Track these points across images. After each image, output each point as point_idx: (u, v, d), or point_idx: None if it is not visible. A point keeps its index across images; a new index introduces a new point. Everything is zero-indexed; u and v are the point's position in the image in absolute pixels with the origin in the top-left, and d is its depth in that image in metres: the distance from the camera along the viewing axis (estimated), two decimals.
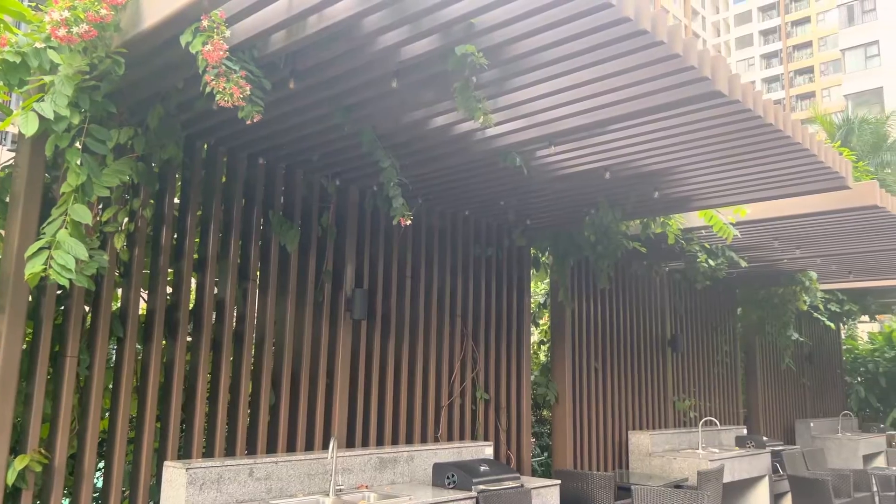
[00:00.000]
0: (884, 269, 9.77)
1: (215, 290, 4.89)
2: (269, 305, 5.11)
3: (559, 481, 5.70)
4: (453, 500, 4.67)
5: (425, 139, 4.71)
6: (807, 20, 73.96)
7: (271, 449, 5.00)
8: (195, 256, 4.84)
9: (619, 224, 6.61)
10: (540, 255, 7.68)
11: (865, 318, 15.18)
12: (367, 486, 4.93)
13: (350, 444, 5.45)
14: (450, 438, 6.27)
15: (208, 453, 4.67)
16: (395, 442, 5.80)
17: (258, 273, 5.17)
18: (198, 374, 4.64)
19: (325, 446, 5.18)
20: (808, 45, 72.96)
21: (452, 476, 4.98)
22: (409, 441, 5.91)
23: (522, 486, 5.21)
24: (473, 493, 4.80)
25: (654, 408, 8.99)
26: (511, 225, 6.96)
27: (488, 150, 4.82)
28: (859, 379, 15.54)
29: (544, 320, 9.07)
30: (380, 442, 5.69)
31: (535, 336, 9.14)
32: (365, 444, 5.57)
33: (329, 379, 5.39)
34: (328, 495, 4.56)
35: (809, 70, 72.21)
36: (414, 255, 6.21)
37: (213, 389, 4.77)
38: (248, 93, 3.18)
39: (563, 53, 3.52)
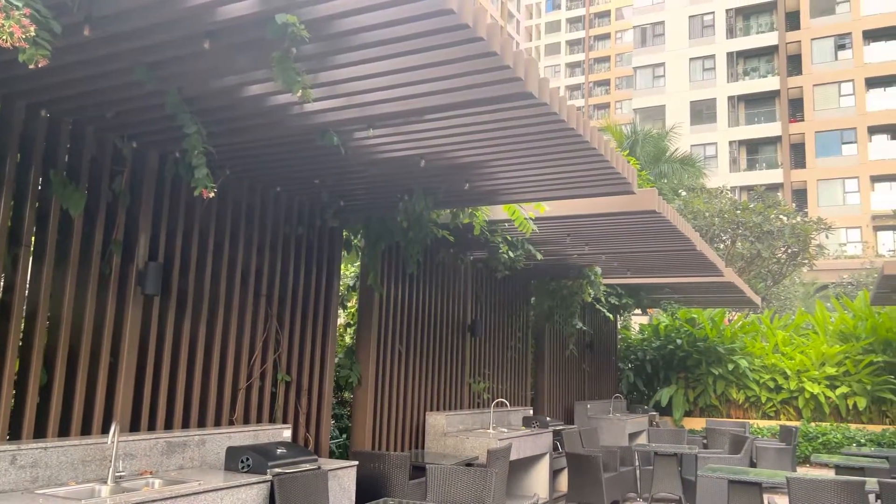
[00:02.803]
0: (656, 268, 10.98)
1: None
2: (46, 275, 4.57)
3: (356, 462, 5.74)
4: (246, 485, 4.51)
5: (237, 108, 4.47)
6: (607, 36, 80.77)
7: (40, 434, 4.49)
8: None
9: (430, 212, 6.77)
10: (352, 238, 7.65)
11: (638, 310, 17.01)
12: (151, 472, 4.61)
13: (135, 427, 5.06)
14: (247, 421, 6.06)
15: None
16: (186, 426, 5.48)
17: (33, 238, 4.60)
18: None
19: (106, 430, 4.77)
20: (607, 59, 79.77)
21: (247, 460, 4.82)
22: (202, 424, 5.62)
23: (320, 468, 5.18)
24: (268, 477, 4.69)
25: (452, 389, 9.36)
26: (324, 205, 6.85)
27: (305, 125, 4.69)
28: (630, 365, 17.40)
29: (352, 303, 9.07)
30: (169, 426, 5.35)
31: (342, 318, 9.12)
32: (152, 427, 5.20)
33: (113, 358, 4.96)
34: (106, 483, 4.21)
35: (606, 83, 79.04)
36: (218, 229, 5.88)
37: None
38: (33, 33, 2.80)
39: (386, 37, 3.51)
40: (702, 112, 46.51)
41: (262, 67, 3.83)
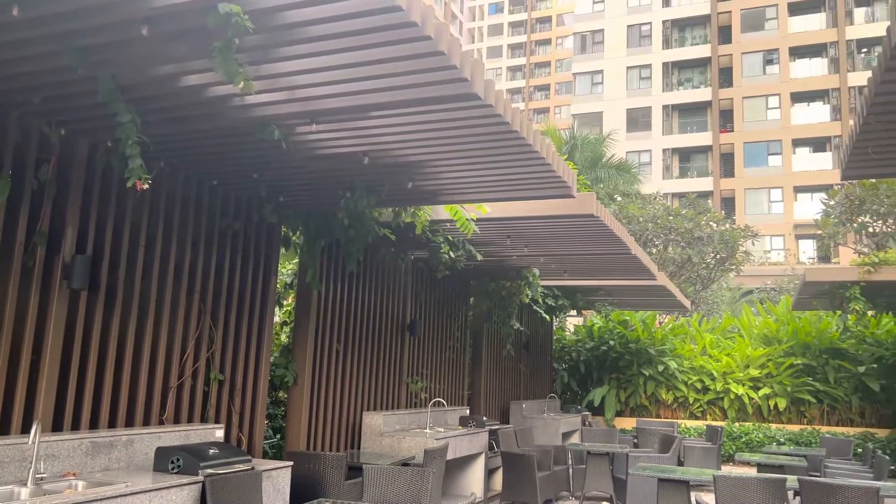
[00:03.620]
0: (592, 271, 11.20)
1: None
2: None
3: (291, 463, 5.65)
4: (177, 486, 4.37)
5: (175, 97, 4.33)
6: (548, 42, 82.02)
7: None
8: None
9: (372, 210, 6.71)
10: (291, 234, 7.51)
11: (574, 312, 17.30)
12: (75, 474, 4.42)
13: (57, 427, 4.84)
14: (177, 421, 5.87)
15: None
16: (112, 425, 5.27)
17: None
18: None
19: (26, 430, 4.54)
20: (548, 64, 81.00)
21: (177, 460, 4.67)
22: (130, 424, 5.42)
23: (253, 468, 5.07)
24: (200, 478, 4.55)
25: (390, 389, 9.32)
26: (263, 200, 6.70)
27: (245, 118, 4.58)
28: (564, 366, 17.70)
29: (289, 301, 8.92)
30: (94, 425, 5.13)
31: (279, 317, 8.96)
32: (76, 427, 4.98)
33: (35, 354, 4.72)
34: (26, 485, 4.01)
35: (547, 87, 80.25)
36: (150, 222, 5.68)
37: None
38: None
39: (333, 31, 3.46)
40: (637, 119, 47.76)
41: (202, 57, 3.72)
